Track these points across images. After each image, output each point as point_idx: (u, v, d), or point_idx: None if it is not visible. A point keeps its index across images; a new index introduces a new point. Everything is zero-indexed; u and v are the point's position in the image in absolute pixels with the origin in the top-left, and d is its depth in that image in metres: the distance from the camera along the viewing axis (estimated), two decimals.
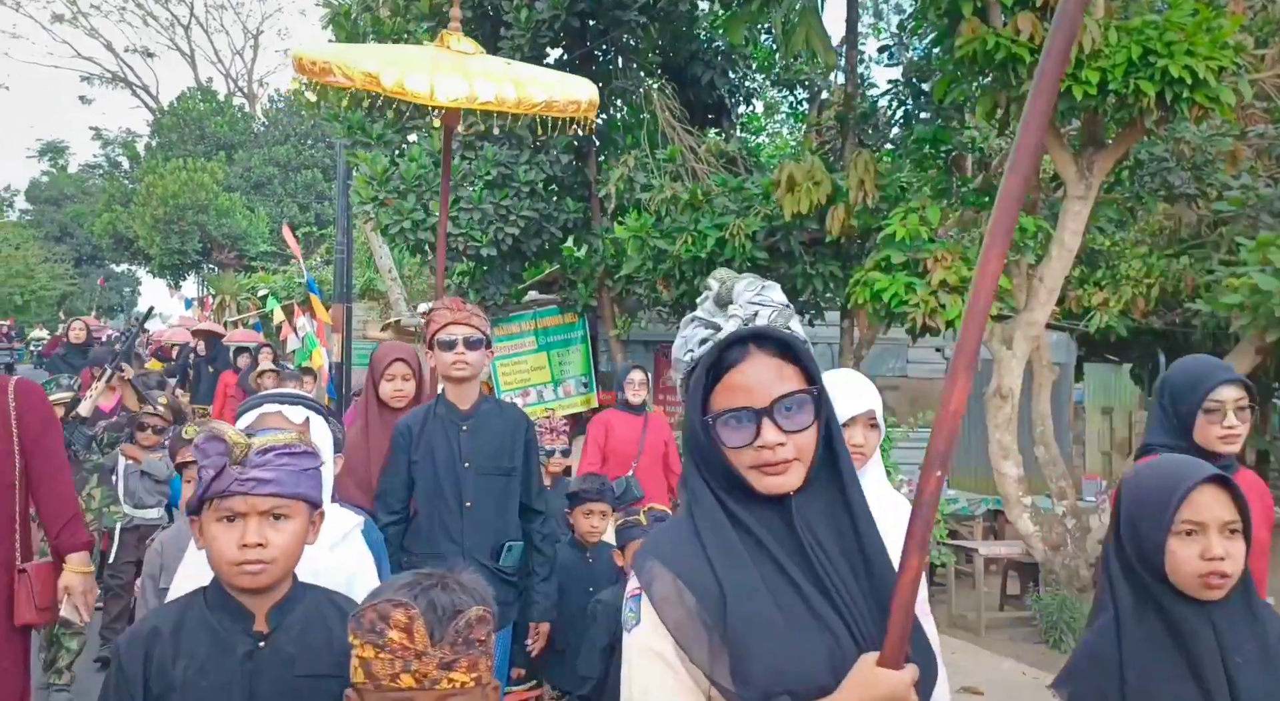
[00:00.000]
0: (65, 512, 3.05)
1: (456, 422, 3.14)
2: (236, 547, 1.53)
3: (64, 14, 35.42)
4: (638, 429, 5.86)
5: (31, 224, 45.97)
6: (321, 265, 21.77)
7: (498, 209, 8.05)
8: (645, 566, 1.32)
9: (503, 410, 3.35)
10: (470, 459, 3.12)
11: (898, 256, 6.24)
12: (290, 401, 2.18)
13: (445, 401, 3.17)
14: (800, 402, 1.32)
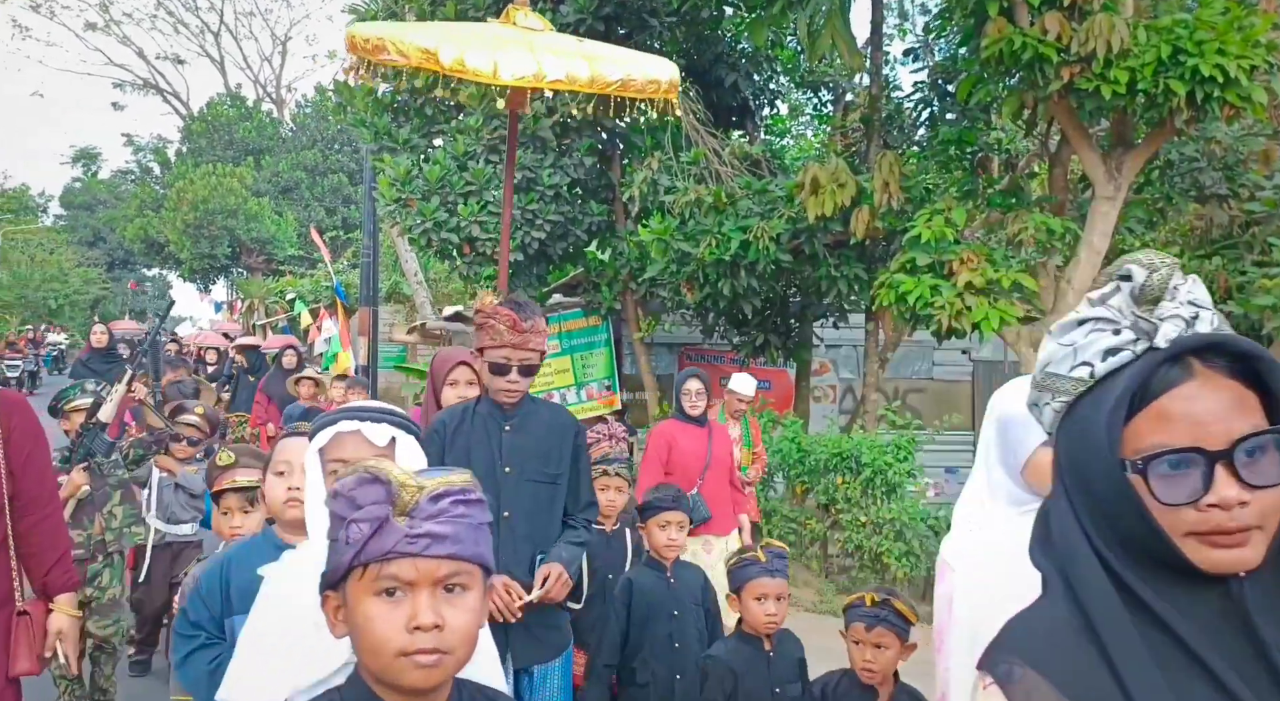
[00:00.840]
0: (56, 546, 2.71)
1: (498, 421, 2.86)
2: (406, 631, 1.13)
3: (97, 22, 36.03)
4: (702, 442, 5.35)
5: (65, 229, 46.78)
6: (348, 269, 21.98)
7: (524, 213, 8.08)
8: (1012, 673, 0.94)
9: (550, 410, 3.03)
10: (511, 463, 2.82)
11: (923, 258, 6.20)
12: (372, 417, 1.83)
13: (489, 402, 2.91)
14: (1269, 446, 0.93)
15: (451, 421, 2.89)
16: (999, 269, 5.92)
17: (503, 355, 2.78)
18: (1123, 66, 5.18)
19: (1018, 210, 6.21)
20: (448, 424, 2.88)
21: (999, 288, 5.88)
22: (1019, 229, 5.96)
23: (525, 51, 3.39)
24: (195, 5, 36.86)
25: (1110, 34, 5.12)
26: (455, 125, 8.52)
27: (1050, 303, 6.24)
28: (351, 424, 1.79)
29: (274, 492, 2.23)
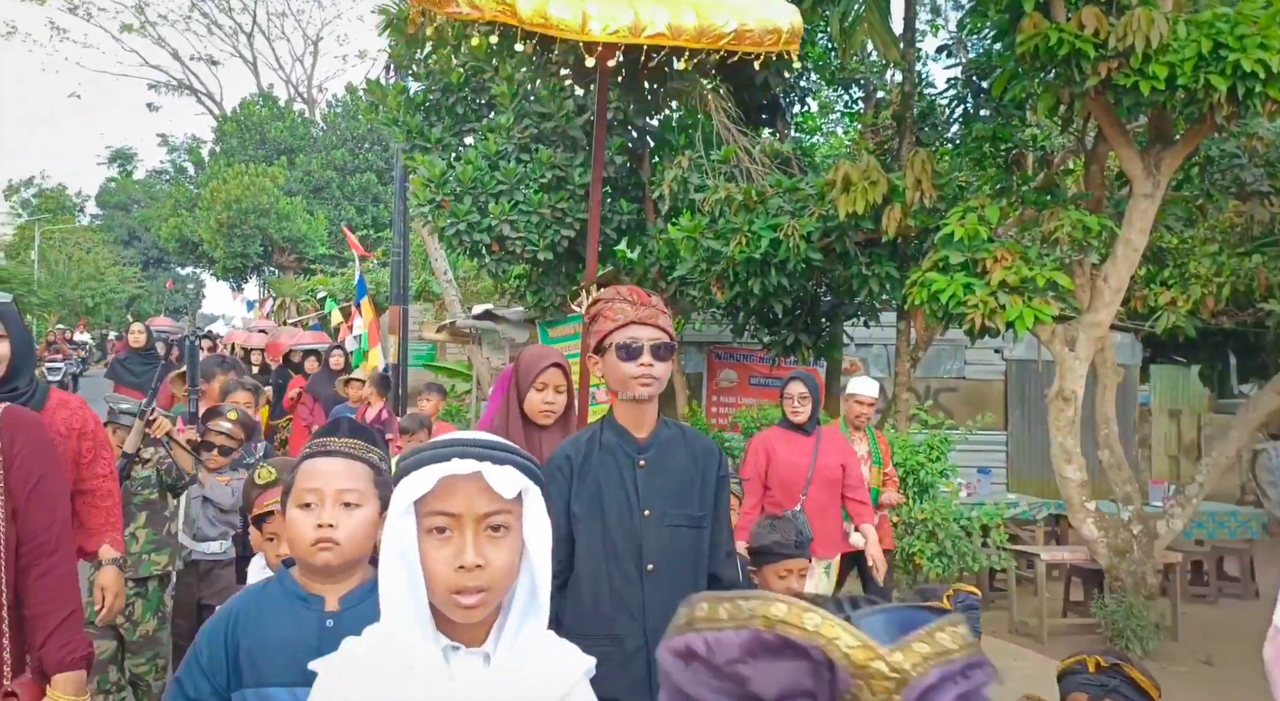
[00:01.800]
0: (61, 606, 2.20)
1: (630, 455, 2.39)
2: None
3: (132, 23, 36.52)
4: (807, 452, 4.81)
5: (101, 228, 47.59)
6: (378, 267, 22.17)
7: (553, 211, 8.11)
8: None
9: (688, 438, 2.51)
10: (651, 505, 2.36)
11: (956, 257, 6.14)
12: (494, 456, 1.32)
13: (615, 425, 2.42)
14: None
15: (576, 455, 2.42)
16: (1033, 267, 5.85)
17: (629, 335, 2.32)
18: (1162, 61, 5.11)
19: (1053, 207, 6.14)
20: (572, 458, 2.42)
21: (1033, 286, 5.81)
22: (1054, 226, 5.90)
23: (621, 2, 2.88)
24: (229, 6, 37.29)
25: (1149, 28, 5.04)
26: (486, 124, 8.56)
27: (1086, 301, 6.17)
28: (468, 464, 1.29)
29: (298, 530, 1.73)
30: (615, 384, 2.38)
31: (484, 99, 8.71)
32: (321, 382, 8.70)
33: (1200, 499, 6.51)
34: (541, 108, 8.18)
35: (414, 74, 9.20)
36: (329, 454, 1.79)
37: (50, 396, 2.74)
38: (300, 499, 1.75)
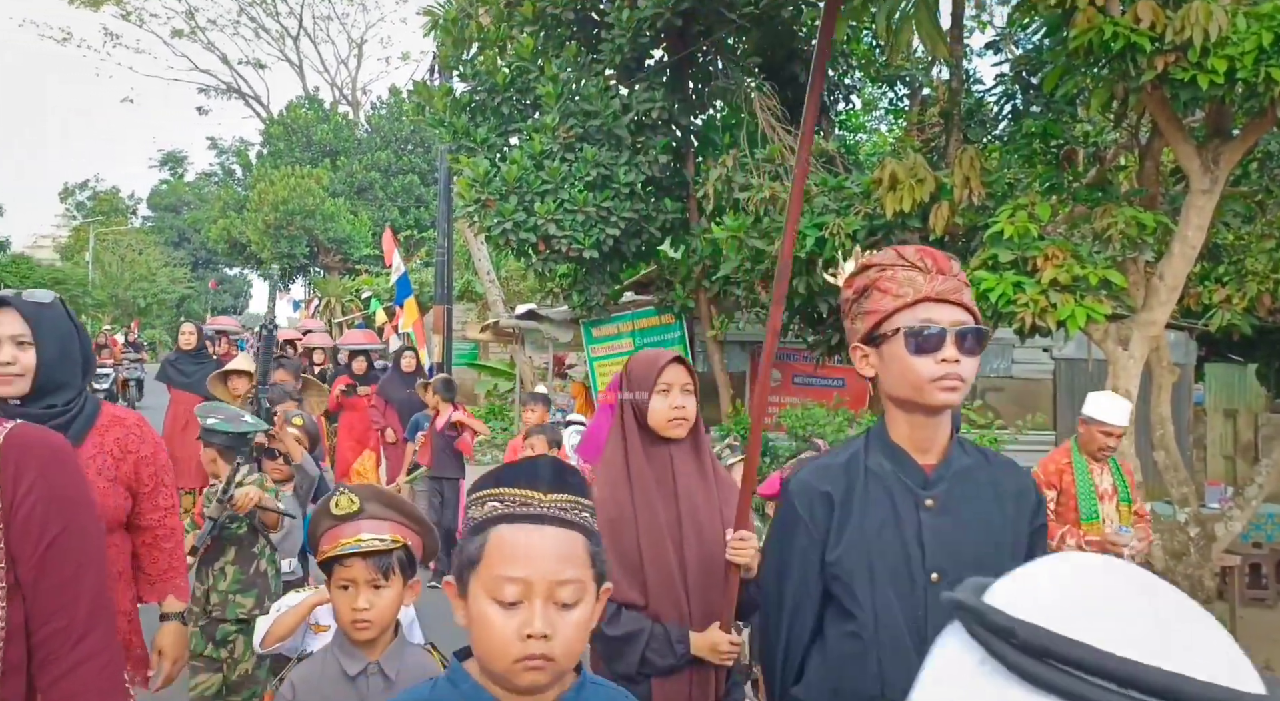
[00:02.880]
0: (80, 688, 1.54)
1: (912, 490, 1.72)
2: None
3: (183, 29, 37.27)
4: None
5: (153, 230, 48.68)
6: (421, 267, 22.40)
7: (598, 210, 8.15)
8: None
9: (992, 466, 1.80)
10: (941, 564, 1.68)
11: (1005, 255, 6.07)
12: None
13: (888, 445, 1.77)
14: None
15: (835, 486, 1.75)
16: (1086, 265, 5.76)
17: (922, 316, 1.66)
18: (1221, 55, 5.00)
19: (1106, 204, 6.04)
20: (831, 493, 1.75)
21: (1085, 284, 5.72)
22: (1107, 223, 5.80)
23: None
24: (275, 11, 37.90)
25: (1208, 21, 4.94)
26: (532, 124, 8.63)
27: (1140, 299, 6.06)
28: None
29: (496, 637, 1.28)
30: (899, 386, 1.72)
31: (529, 99, 8.78)
32: (394, 385, 8.48)
33: (1260, 501, 6.37)
34: (587, 106, 8.22)
35: (460, 74, 9.29)
36: (538, 520, 1.27)
37: (101, 413, 2.35)
38: (498, 590, 1.24)
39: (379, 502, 2.07)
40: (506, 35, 8.86)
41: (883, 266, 1.74)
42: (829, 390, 9.92)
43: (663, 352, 2.50)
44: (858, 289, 1.80)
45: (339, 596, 2.01)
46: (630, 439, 2.39)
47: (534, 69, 8.57)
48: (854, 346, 1.83)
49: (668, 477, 2.35)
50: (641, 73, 8.82)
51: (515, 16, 8.69)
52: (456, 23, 9.07)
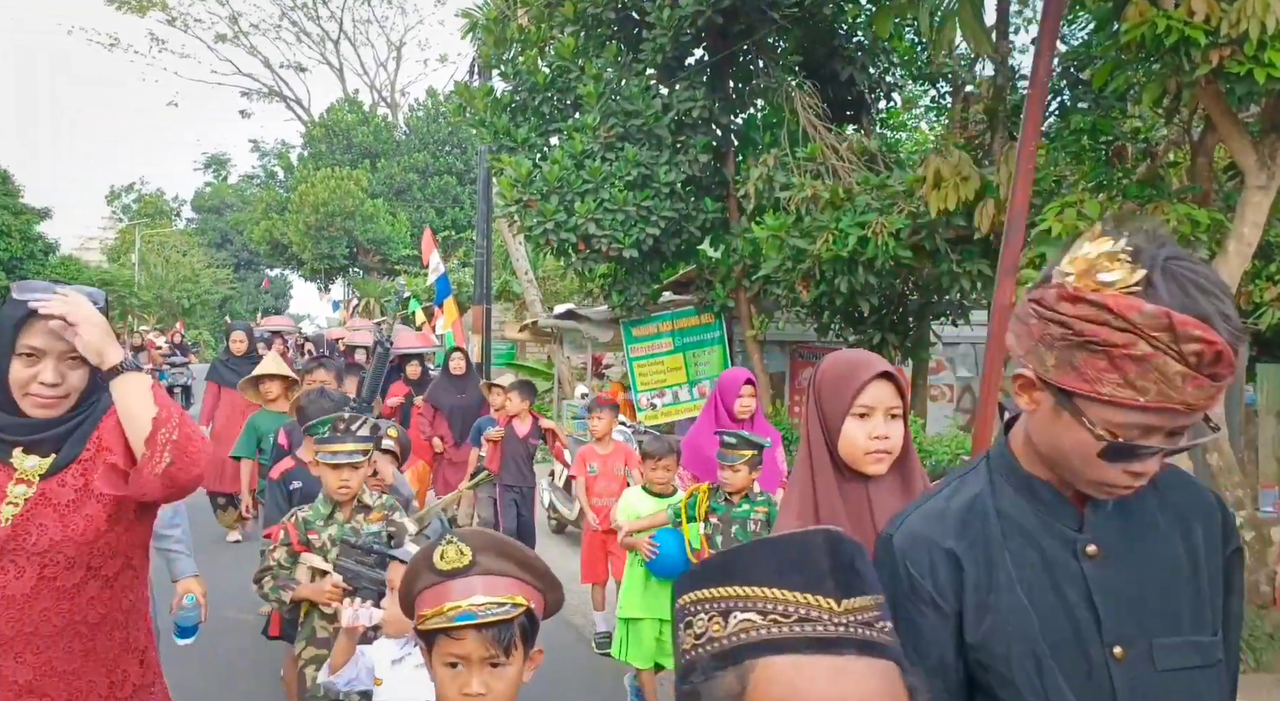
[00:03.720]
0: None
1: (1065, 535, 1.32)
2: None
3: (227, 34, 37.90)
4: None
5: (197, 232, 49.56)
6: (459, 268, 22.58)
7: (638, 209, 8.15)
8: None
9: (1157, 486, 1.34)
10: (1124, 632, 1.28)
11: (1053, 253, 5.97)
12: None
13: (1021, 476, 1.35)
14: None
15: (956, 539, 1.34)
16: None
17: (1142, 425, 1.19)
18: (1278, 48, 4.89)
19: (1157, 201, 5.93)
20: (955, 550, 1.33)
21: None
22: (1159, 221, 5.69)
23: None
24: (316, 15, 38.40)
25: (1265, 14, 4.83)
26: (572, 123, 8.65)
27: None
28: None
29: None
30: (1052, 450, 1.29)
31: (570, 99, 8.81)
32: (444, 390, 7.82)
33: None
34: (628, 106, 8.23)
35: (501, 74, 9.35)
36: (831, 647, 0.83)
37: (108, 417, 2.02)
38: None
39: (494, 553, 1.60)
40: (547, 35, 8.90)
41: (1140, 332, 1.12)
42: None
43: (864, 363, 1.90)
44: (1086, 334, 1.17)
45: (445, 677, 1.58)
46: (819, 469, 1.87)
47: (575, 69, 8.59)
48: (1027, 377, 1.28)
49: (866, 522, 1.82)
50: (682, 72, 8.81)
51: (556, 16, 8.73)
52: (497, 23, 9.12)
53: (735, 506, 4.07)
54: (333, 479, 3.13)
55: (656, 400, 9.69)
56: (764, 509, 4.10)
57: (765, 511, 4.08)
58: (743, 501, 4.10)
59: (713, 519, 4.07)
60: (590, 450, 6.03)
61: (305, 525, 3.18)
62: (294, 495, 3.99)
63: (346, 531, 3.15)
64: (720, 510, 4.09)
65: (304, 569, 3.10)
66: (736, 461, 4.01)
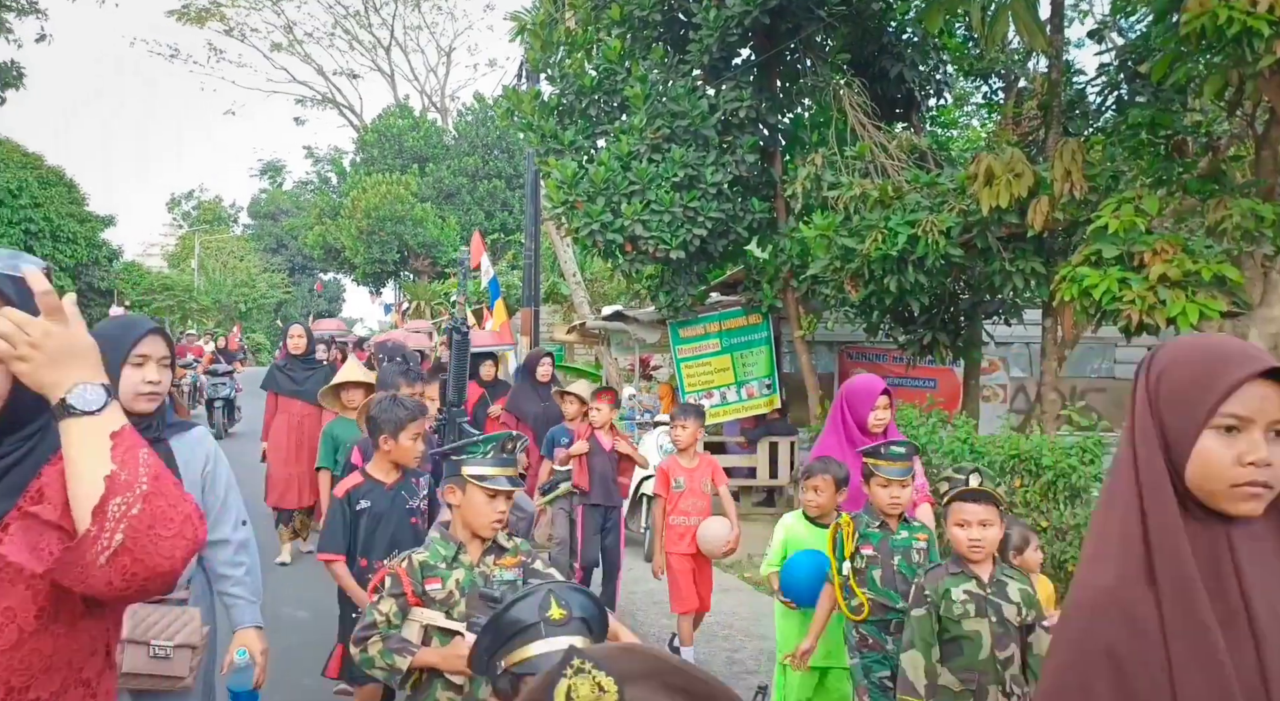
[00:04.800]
0: None
1: None
2: None
3: (282, 42, 38.67)
4: None
5: (253, 237, 50.63)
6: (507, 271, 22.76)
7: (685, 210, 8.15)
8: None
9: None
10: None
11: (1110, 250, 5.85)
12: None
13: None
14: None
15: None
16: (1198, 259, 5.52)
17: None
18: None
19: (1220, 196, 5.77)
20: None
21: (1198, 280, 5.48)
22: (1222, 216, 5.54)
23: None
24: (369, 22, 39.04)
25: None
26: (619, 126, 8.67)
27: (1257, 295, 5.77)
28: None
29: None
30: None
31: (616, 101, 8.83)
32: (528, 397, 7.06)
33: None
34: (675, 107, 8.23)
35: (548, 78, 9.41)
36: None
37: None
38: None
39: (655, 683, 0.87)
40: (594, 38, 8.93)
41: None
42: (920, 391, 9.71)
43: (1237, 355, 1.32)
44: None
45: None
46: (1154, 505, 1.31)
47: (621, 71, 8.62)
48: None
49: (1229, 584, 1.28)
50: (729, 72, 8.79)
51: (602, 19, 8.76)
52: (544, 27, 9.18)
53: (893, 534, 3.52)
54: (487, 511, 2.54)
55: (704, 401, 9.67)
56: (924, 535, 3.58)
57: (925, 538, 3.57)
58: (901, 526, 3.54)
59: (866, 550, 3.50)
60: (674, 463, 5.31)
61: (422, 570, 2.52)
62: (360, 517, 3.55)
63: (476, 579, 2.54)
64: (875, 538, 3.53)
65: (416, 626, 2.49)
66: (906, 475, 3.47)
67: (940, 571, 3.01)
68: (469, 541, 2.60)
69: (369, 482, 3.63)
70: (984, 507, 2.93)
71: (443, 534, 2.64)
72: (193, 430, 2.63)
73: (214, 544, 2.63)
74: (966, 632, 2.89)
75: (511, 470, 2.61)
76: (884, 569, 3.49)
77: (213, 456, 2.64)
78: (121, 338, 2.35)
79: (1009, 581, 2.98)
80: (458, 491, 2.58)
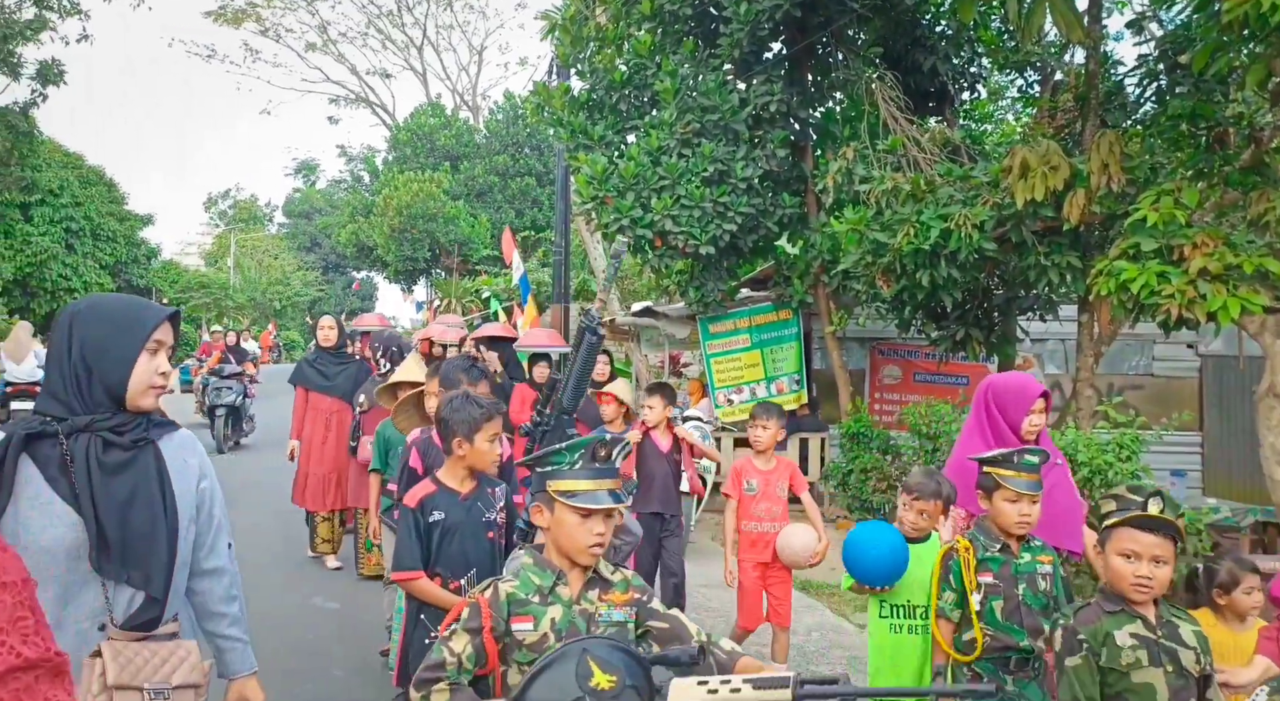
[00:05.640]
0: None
1: None
2: None
3: (316, 42, 39.07)
4: None
5: (287, 236, 51.18)
6: (538, 268, 22.82)
7: (715, 205, 8.12)
8: None
9: None
10: None
11: (1148, 243, 5.75)
12: None
13: None
14: None
15: None
16: (1239, 253, 5.40)
17: None
18: None
19: (1262, 189, 5.65)
20: None
21: (1239, 273, 5.37)
22: (1264, 209, 5.43)
23: None
24: (401, 22, 39.32)
25: None
26: (649, 120, 8.66)
27: None
28: None
29: None
30: None
31: (647, 96, 8.82)
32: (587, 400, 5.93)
33: None
34: (705, 102, 8.20)
35: (578, 73, 9.41)
36: None
37: None
38: None
39: None
40: (624, 33, 8.93)
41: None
42: (953, 388, 9.61)
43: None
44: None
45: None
46: None
47: (651, 65, 8.60)
48: None
49: None
50: (760, 66, 8.75)
51: (633, 14, 8.75)
52: (574, 22, 9.19)
53: (1016, 558, 3.06)
54: (582, 535, 2.08)
55: (734, 396, 9.63)
56: (1048, 558, 3.11)
57: (1050, 560, 3.11)
58: (1023, 549, 3.08)
59: (984, 578, 3.03)
60: (748, 464, 4.88)
61: (509, 605, 2.08)
62: (434, 530, 3.11)
63: (576, 620, 2.09)
64: (995, 564, 3.05)
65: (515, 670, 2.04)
66: (1038, 489, 3.01)
67: (1094, 610, 2.48)
68: (569, 570, 2.13)
69: (441, 491, 3.18)
70: (1160, 541, 2.39)
71: (536, 558, 2.15)
72: (179, 432, 2.19)
73: (209, 574, 2.20)
74: (1135, 685, 2.38)
75: (610, 482, 2.11)
76: (1006, 599, 3.01)
77: (207, 466, 2.23)
78: (140, 320, 2.06)
79: (1179, 622, 2.47)
80: (545, 511, 2.12)
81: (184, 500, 2.09)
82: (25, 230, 23.91)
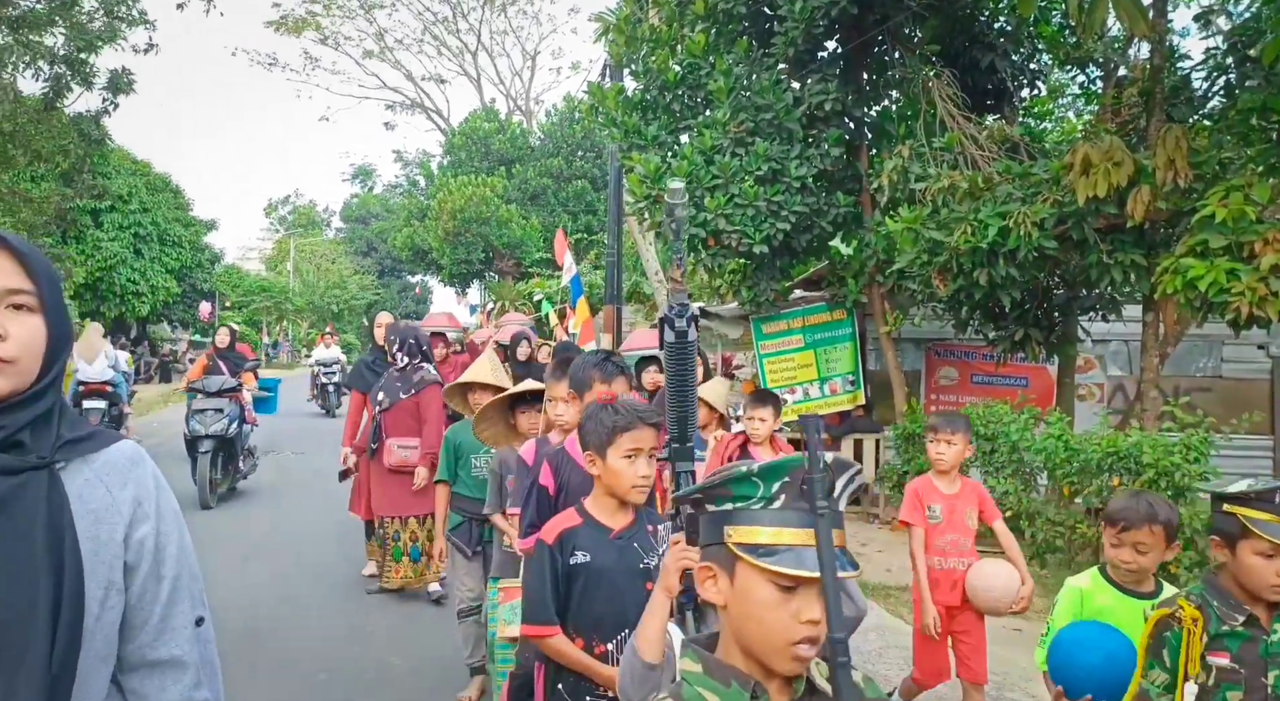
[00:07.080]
0: None
1: None
2: None
3: (373, 49, 39.78)
4: None
5: (345, 240, 52.18)
6: (590, 271, 22.95)
7: (769, 204, 8.10)
8: None
9: None
10: None
11: (1217, 240, 5.61)
12: None
13: None
14: None
15: None
16: None
17: None
18: None
19: None
20: None
21: None
22: None
23: None
24: (456, 28, 39.86)
25: None
26: (702, 120, 8.67)
27: None
28: None
29: None
30: None
31: (700, 95, 8.83)
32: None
33: None
34: (759, 101, 8.19)
35: (632, 74, 9.46)
36: None
37: None
38: None
39: None
40: (678, 34, 8.96)
41: None
42: (1012, 389, 9.44)
43: None
44: None
45: None
46: None
47: (705, 65, 8.61)
48: None
49: None
50: (814, 65, 8.71)
51: (687, 14, 8.77)
52: (628, 24, 9.25)
53: (1267, 634, 2.20)
54: (783, 623, 1.21)
55: (787, 397, 9.59)
56: None
57: None
58: (1275, 620, 2.21)
59: (1217, 658, 2.19)
60: (928, 484, 4.08)
61: None
62: (577, 576, 2.42)
63: None
64: (1234, 640, 2.20)
65: None
66: None
67: None
68: (766, 679, 1.25)
69: (588, 525, 2.48)
70: None
71: (706, 662, 1.29)
72: (112, 448, 1.37)
73: (156, 668, 1.38)
74: None
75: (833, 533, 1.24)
76: (1249, 691, 2.18)
77: (152, 501, 1.38)
78: None
79: None
80: (721, 576, 1.27)
81: (98, 557, 1.30)
82: (96, 236, 24.70)
